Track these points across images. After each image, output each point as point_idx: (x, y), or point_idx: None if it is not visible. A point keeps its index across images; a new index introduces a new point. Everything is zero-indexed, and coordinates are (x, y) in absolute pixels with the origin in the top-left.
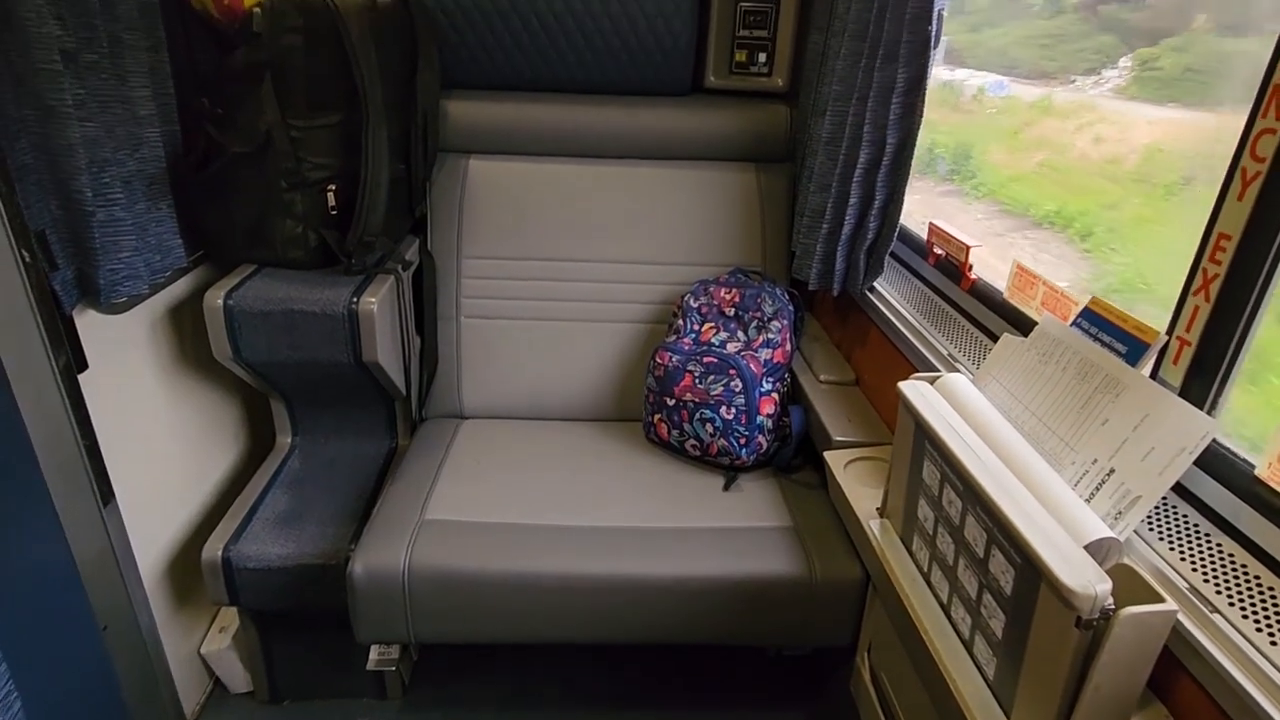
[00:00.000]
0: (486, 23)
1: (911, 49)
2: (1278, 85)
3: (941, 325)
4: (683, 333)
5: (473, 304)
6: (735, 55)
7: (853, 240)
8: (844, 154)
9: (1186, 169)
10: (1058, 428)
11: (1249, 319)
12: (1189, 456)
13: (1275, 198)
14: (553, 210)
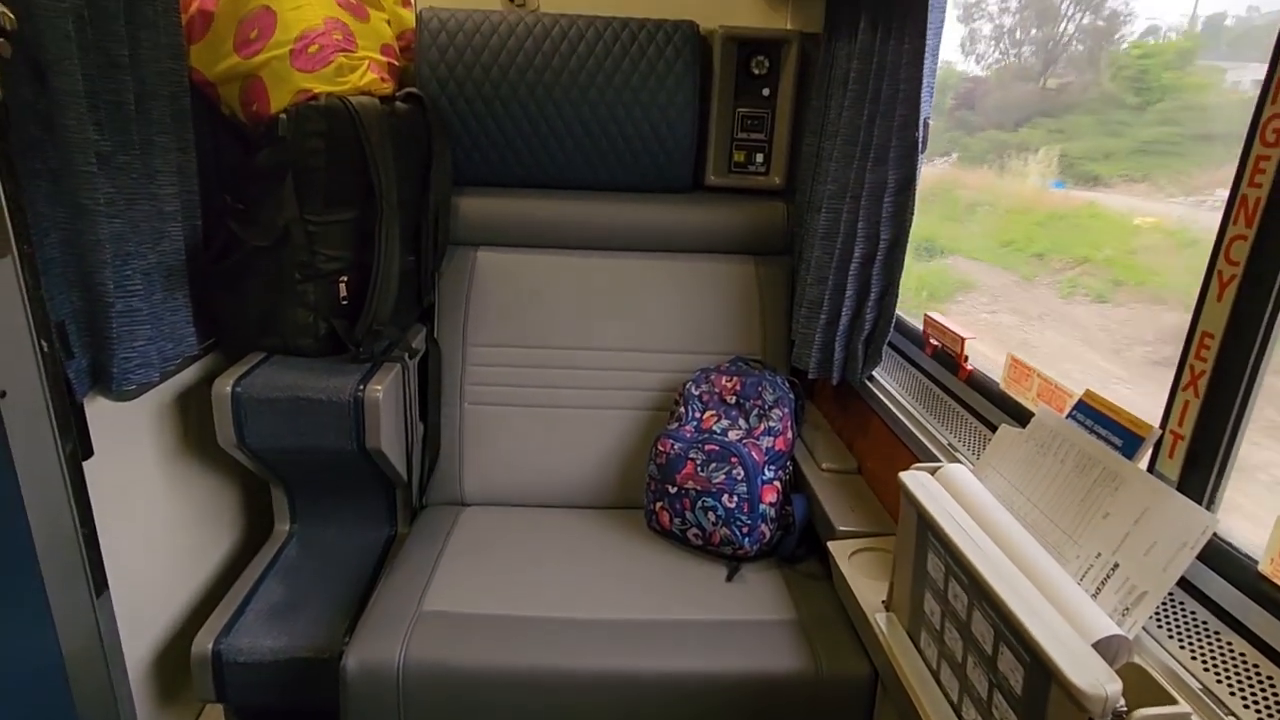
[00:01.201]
0: (498, 125)
1: (900, 153)
2: (1244, 196)
3: (940, 415)
4: (684, 420)
5: (477, 390)
6: (734, 155)
7: (850, 330)
8: (840, 248)
9: (971, 199)
10: (1060, 520)
11: (1238, 414)
12: (1191, 552)
13: (1251, 298)
14: (557, 300)
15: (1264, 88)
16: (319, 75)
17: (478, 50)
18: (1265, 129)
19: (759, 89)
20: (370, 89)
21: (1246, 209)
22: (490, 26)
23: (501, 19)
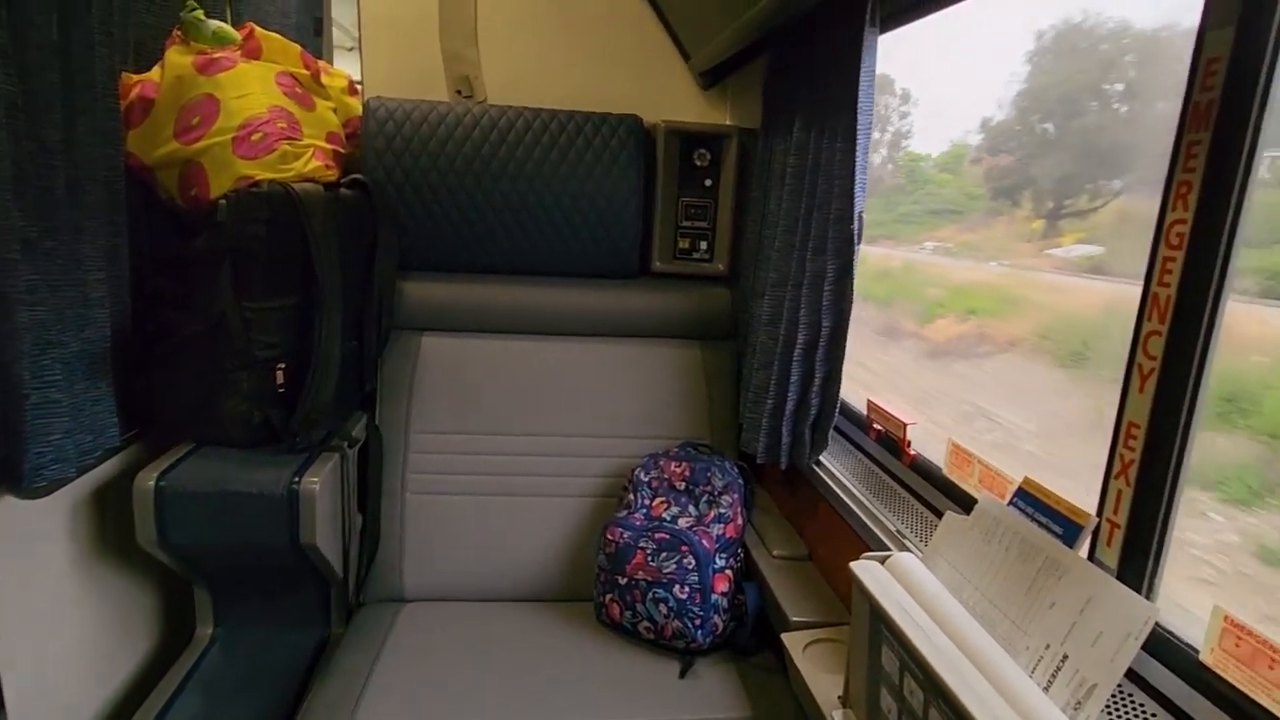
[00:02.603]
0: (445, 211)
1: (837, 244)
2: (1155, 294)
3: (887, 500)
4: (634, 507)
5: (420, 479)
6: (679, 242)
7: (796, 415)
8: (783, 334)
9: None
10: (1008, 610)
11: (1169, 502)
12: (1136, 642)
13: (1170, 389)
14: (504, 386)
15: (1164, 194)
16: (262, 162)
17: (425, 139)
18: (1169, 233)
19: (701, 180)
20: (315, 176)
21: (1159, 306)
22: (438, 116)
23: (449, 109)
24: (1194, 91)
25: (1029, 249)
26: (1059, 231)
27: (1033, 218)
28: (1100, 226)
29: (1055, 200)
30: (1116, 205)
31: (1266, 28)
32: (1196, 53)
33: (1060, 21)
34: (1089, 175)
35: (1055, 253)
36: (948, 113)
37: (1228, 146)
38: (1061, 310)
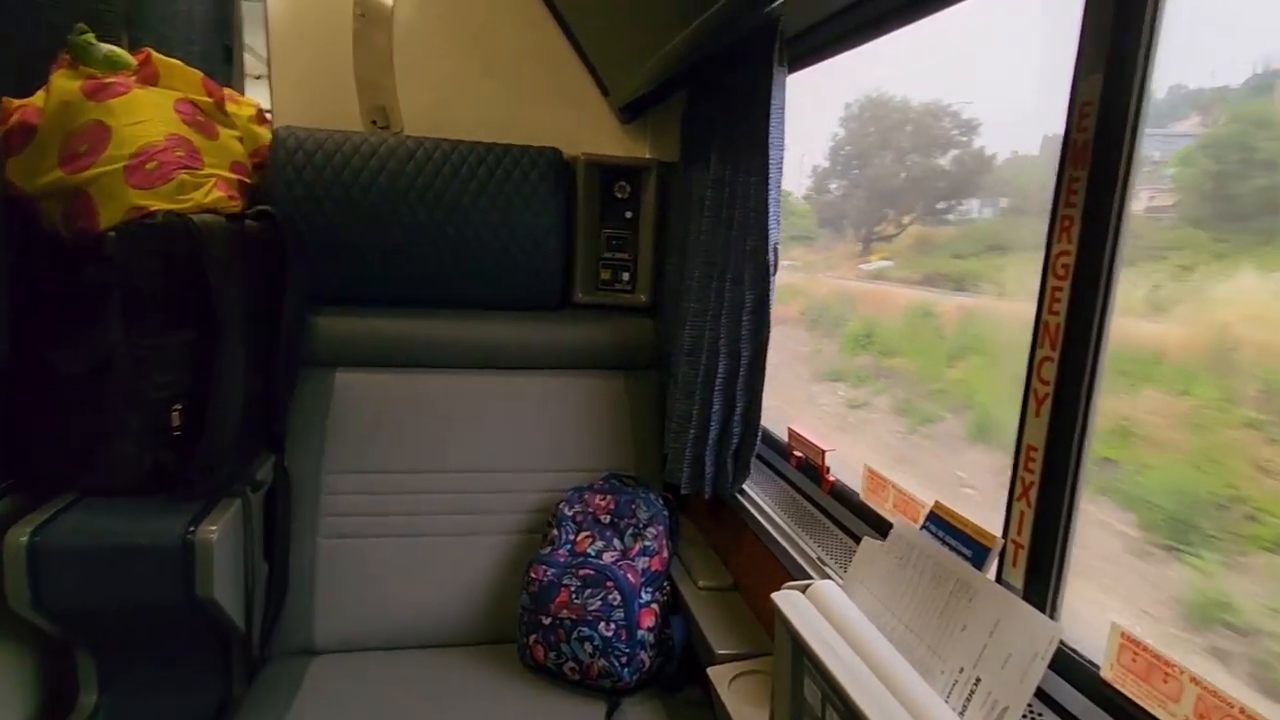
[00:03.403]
0: (359, 244)
1: (754, 275)
2: (1047, 323)
3: (809, 527)
4: (558, 543)
5: (333, 522)
6: (601, 274)
7: (719, 445)
8: (704, 364)
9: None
10: (924, 634)
11: (1067, 521)
12: (1042, 663)
13: (1063, 412)
14: (423, 423)
15: (1049, 228)
16: (157, 192)
17: (337, 169)
18: (1055, 264)
19: (622, 211)
20: (216, 206)
21: (1050, 333)
22: (351, 146)
23: (363, 139)
24: (1071, 132)
25: (850, 264)
26: (871, 251)
27: (855, 242)
28: (898, 247)
29: (868, 229)
30: (911, 231)
31: (1130, 73)
32: (1072, 97)
33: (862, 96)
34: (886, 210)
35: (863, 267)
36: (803, 160)
37: (1104, 182)
38: (819, 297)
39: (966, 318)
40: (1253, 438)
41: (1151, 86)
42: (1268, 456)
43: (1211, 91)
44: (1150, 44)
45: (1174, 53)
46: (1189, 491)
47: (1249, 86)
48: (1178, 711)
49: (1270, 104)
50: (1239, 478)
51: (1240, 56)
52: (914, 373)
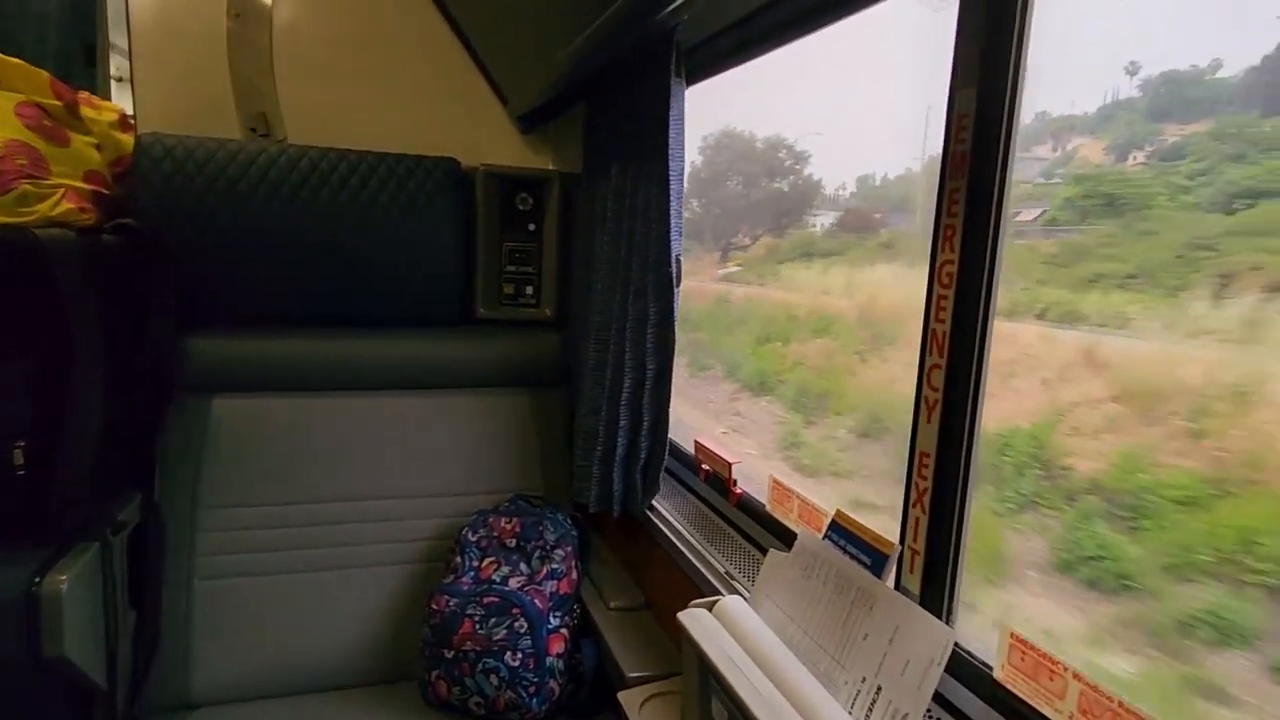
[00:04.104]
0: (239, 259)
1: (658, 287)
2: (934, 331)
3: (717, 541)
4: (461, 571)
5: (213, 562)
6: (504, 288)
7: (627, 461)
8: (610, 378)
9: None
10: (828, 645)
11: (959, 526)
12: (939, 668)
13: (952, 418)
14: (313, 449)
15: (934, 238)
16: None
17: (211, 179)
18: (940, 273)
19: (525, 224)
20: (66, 219)
21: (937, 341)
22: (227, 155)
23: (240, 148)
24: (950, 144)
25: (711, 271)
26: (728, 259)
27: (715, 251)
28: (750, 256)
29: (726, 240)
30: (764, 241)
31: (1003, 87)
32: (949, 110)
33: (717, 130)
34: (740, 225)
35: (720, 271)
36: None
37: (983, 191)
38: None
39: (748, 304)
40: (852, 361)
41: (1023, 98)
42: (855, 370)
43: (1067, 118)
44: (1020, 56)
45: (1041, 84)
46: (810, 390)
47: (1100, 114)
48: (1063, 708)
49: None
50: (836, 381)
51: (1094, 86)
52: (706, 340)
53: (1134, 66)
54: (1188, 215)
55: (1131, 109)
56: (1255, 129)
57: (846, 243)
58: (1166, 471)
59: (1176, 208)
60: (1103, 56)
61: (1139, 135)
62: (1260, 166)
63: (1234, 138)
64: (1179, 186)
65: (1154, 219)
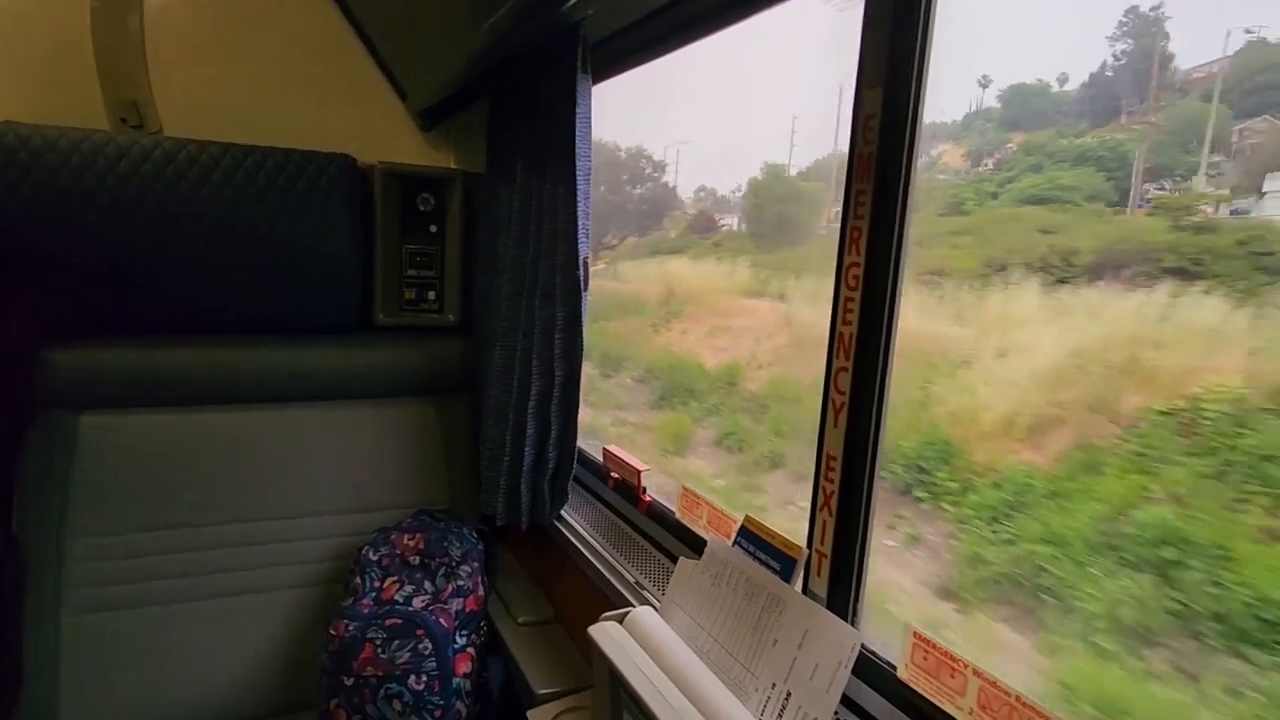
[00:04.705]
0: (106, 264)
1: (565, 291)
2: (841, 334)
3: (628, 550)
4: (361, 593)
5: (83, 595)
6: (405, 293)
7: (535, 471)
8: (517, 386)
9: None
10: (739, 653)
11: (864, 527)
12: (845, 670)
13: (859, 420)
14: (196, 468)
15: (840, 240)
16: None
17: (75, 173)
18: (847, 275)
19: (427, 225)
20: None
21: (844, 344)
22: (93, 147)
23: (108, 140)
24: (857, 145)
25: (607, 267)
26: (599, 258)
27: (600, 248)
28: (618, 253)
29: (596, 240)
30: (629, 241)
31: (907, 87)
32: (856, 111)
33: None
34: (609, 227)
35: (595, 268)
36: None
37: (888, 193)
38: None
39: (596, 293)
40: (648, 333)
41: (926, 99)
42: (649, 339)
43: (940, 125)
44: (924, 55)
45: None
46: (611, 354)
47: (964, 123)
48: (964, 705)
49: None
50: (633, 348)
51: (963, 95)
52: None
53: (986, 80)
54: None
55: (988, 118)
56: (1053, 144)
57: (690, 241)
58: (788, 386)
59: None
60: (974, 68)
61: (991, 143)
62: (1043, 175)
63: (1039, 150)
64: (988, 193)
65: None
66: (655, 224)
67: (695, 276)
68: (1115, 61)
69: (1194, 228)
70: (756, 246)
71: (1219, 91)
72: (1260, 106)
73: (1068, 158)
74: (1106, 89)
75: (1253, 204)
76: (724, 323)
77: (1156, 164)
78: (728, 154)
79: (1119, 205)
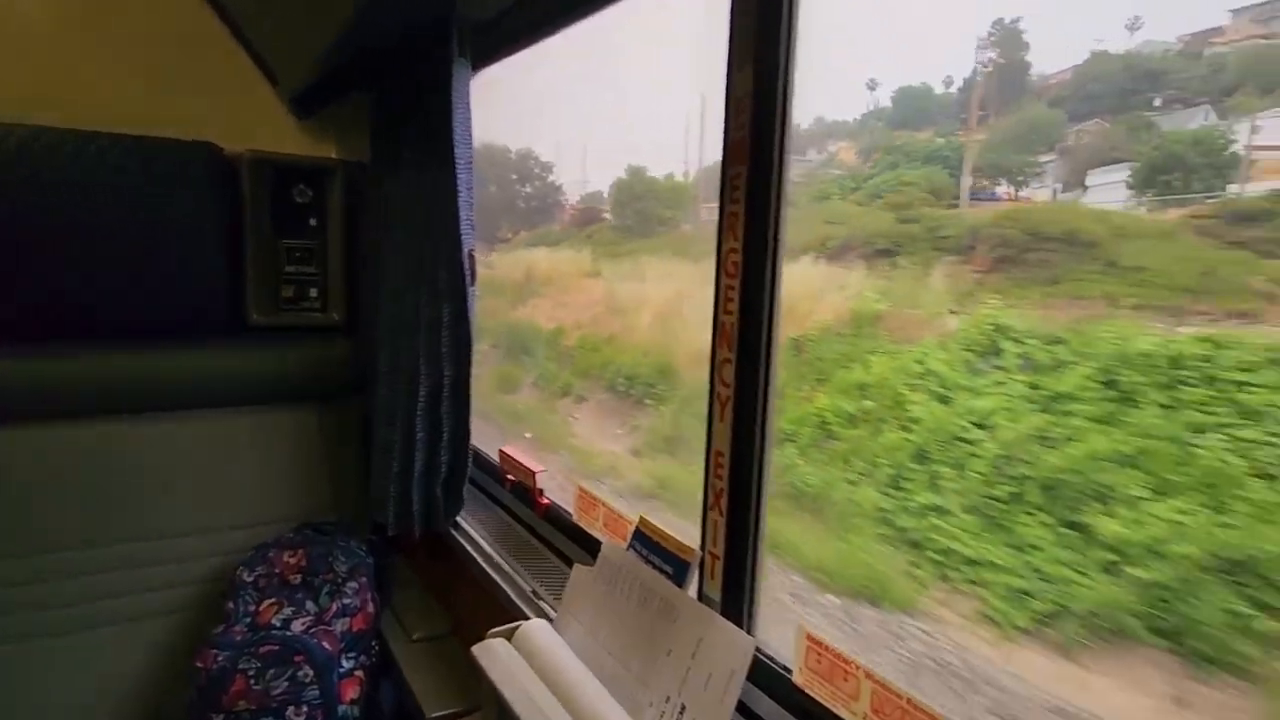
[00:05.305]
0: None
1: (450, 285)
2: (723, 324)
3: (525, 556)
4: (233, 618)
5: None
6: (282, 291)
7: (427, 476)
8: (405, 387)
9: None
10: (633, 665)
11: (756, 525)
12: (740, 678)
13: (745, 413)
14: (50, 488)
15: (719, 226)
16: None
17: None
18: (726, 262)
19: (305, 219)
20: None
21: (727, 334)
22: None
23: None
24: (730, 130)
25: (483, 257)
26: (494, 250)
27: (482, 243)
28: (512, 245)
29: (492, 234)
30: (523, 235)
31: (775, 65)
32: (728, 94)
33: (478, 144)
34: (501, 221)
35: (489, 258)
36: None
37: (763, 177)
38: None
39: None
40: (506, 308)
41: (795, 78)
42: (506, 313)
43: (839, 124)
44: (791, 34)
45: (827, 91)
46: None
47: (860, 122)
48: (857, 709)
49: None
50: (491, 320)
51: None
52: None
53: (873, 83)
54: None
55: (880, 118)
56: (912, 145)
57: (572, 234)
58: (593, 339)
59: (844, 203)
60: (873, 69)
61: (879, 141)
62: (886, 176)
63: (898, 150)
64: (849, 188)
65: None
66: (546, 219)
67: (548, 263)
68: (983, 68)
69: (906, 220)
70: (622, 238)
71: (1059, 98)
72: (1094, 111)
73: (919, 157)
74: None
75: (1079, 195)
76: (565, 298)
77: (1000, 162)
78: (610, 153)
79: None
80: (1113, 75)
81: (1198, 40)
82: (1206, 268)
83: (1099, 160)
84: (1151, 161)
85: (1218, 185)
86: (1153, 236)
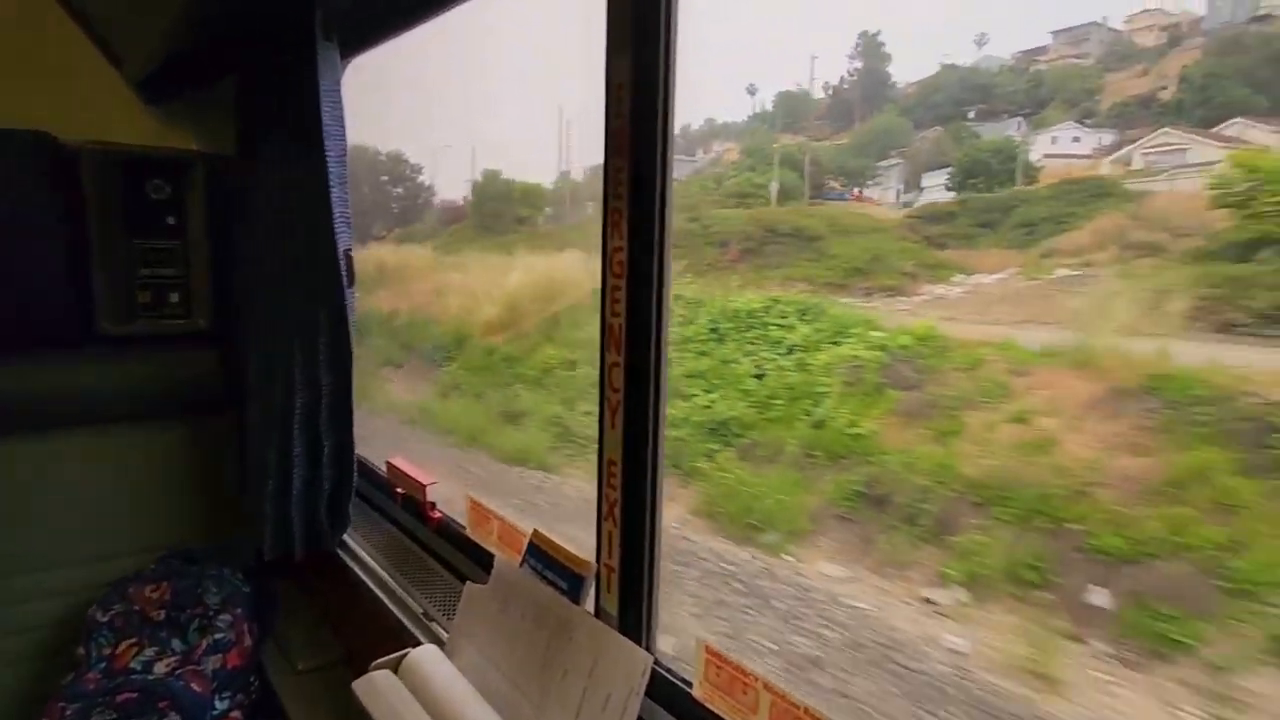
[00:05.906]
0: None
1: (326, 288)
2: (611, 325)
3: (417, 575)
4: (86, 665)
5: None
6: (139, 296)
7: (308, 494)
8: (279, 399)
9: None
10: (528, 689)
11: (653, 535)
12: (638, 697)
13: (637, 419)
14: None
15: (604, 223)
16: None
17: None
18: (612, 261)
19: (162, 217)
20: None
21: (615, 336)
22: None
23: None
24: (610, 119)
25: (357, 256)
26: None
27: (357, 242)
28: (385, 243)
29: (366, 232)
30: (396, 232)
31: (655, 52)
32: (607, 81)
33: (352, 145)
34: (375, 220)
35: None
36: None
37: (646, 170)
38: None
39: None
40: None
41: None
42: (433, 305)
43: (726, 126)
44: (671, 22)
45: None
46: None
47: (747, 124)
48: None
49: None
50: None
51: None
52: None
53: (753, 88)
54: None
55: (764, 120)
56: (769, 148)
57: (437, 231)
58: (421, 317)
59: (706, 202)
60: (760, 72)
61: (762, 143)
62: (743, 178)
63: (755, 153)
64: (710, 188)
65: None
66: (417, 218)
67: (396, 257)
68: (850, 76)
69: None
70: (481, 235)
71: (908, 107)
72: (935, 119)
73: (773, 160)
74: (843, 98)
75: (915, 196)
76: (408, 288)
77: (847, 165)
78: (476, 155)
79: (815, 199)
80: (952, 87)
81: (1025, 58)
82: (877, 255)
83: (934, 164)
84: (964, 166)
85: (1009, 186)
86: (864, 232)
